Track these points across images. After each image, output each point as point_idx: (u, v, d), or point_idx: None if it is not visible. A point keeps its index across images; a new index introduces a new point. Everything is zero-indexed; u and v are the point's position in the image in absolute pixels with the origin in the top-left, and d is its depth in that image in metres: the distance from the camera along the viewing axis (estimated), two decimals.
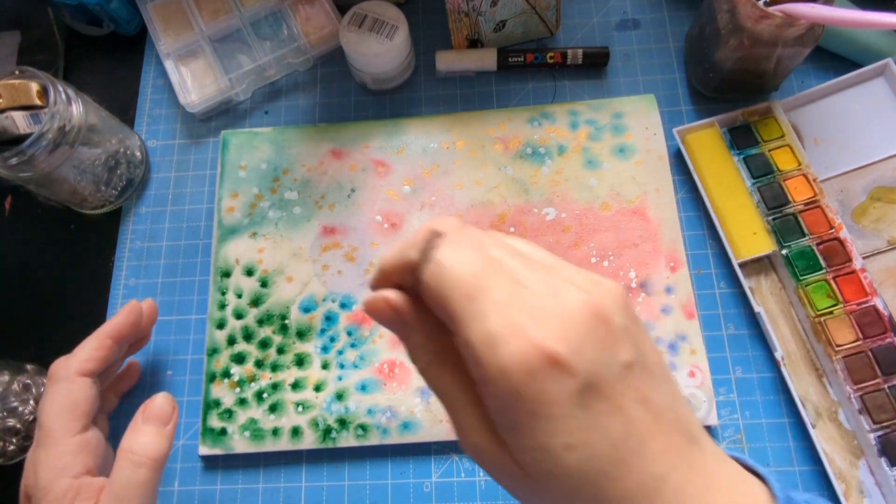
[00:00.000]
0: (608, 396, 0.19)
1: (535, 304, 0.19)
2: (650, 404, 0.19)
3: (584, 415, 0.18)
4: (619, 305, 0.20)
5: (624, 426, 0.19)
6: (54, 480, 0.31)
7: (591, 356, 0.18)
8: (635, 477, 0.19)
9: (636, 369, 0.19)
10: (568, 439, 0.18)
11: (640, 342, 0.20)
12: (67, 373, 0.34)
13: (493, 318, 0.19)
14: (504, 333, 0.18)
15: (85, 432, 0.33)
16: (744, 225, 0.41)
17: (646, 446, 0.19)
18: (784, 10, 0.36)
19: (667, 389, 0.20)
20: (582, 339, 0.18)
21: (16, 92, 0.38)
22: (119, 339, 0.37)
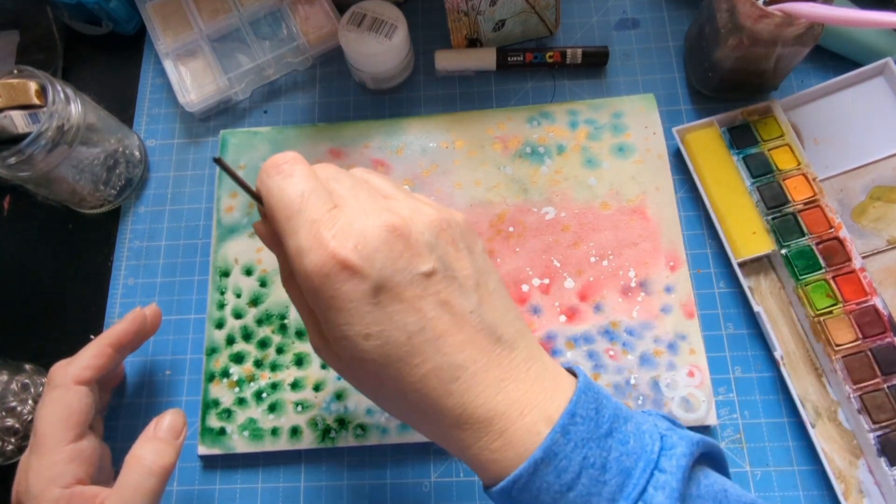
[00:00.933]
0: (403, 297, 0.23)
1: (343, 223, 0.23)
2: (451, 307, 0.24)
3: (377, 310, 0.23)
4: (428, 227, 0.24)
5: (419, 322, 0.23)
6: (45, 489, 0.31)
7: (382, 264, 0.23)
8: (431, 363, 0.23)
9: (437, 278, 0.24)
10: (364, 329, 0.23)
11: (448, 258, 0.25)
12: (65, 380, 0.34)
13: (302, 233, 0.23)
14: (308, 245, 0.23)
15: (79, 441, 0.33)
16: (743, 224, 0.41)
17: (443, 340, 0.23)
18: (783, 9, 0.36)
19: (473, 297, 0.24)
20: (374, 250, 0.23)
21: (14, 91, 0.38)
22: (120, 347, 0.37)
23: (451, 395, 0.23)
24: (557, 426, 0.23)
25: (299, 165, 0.26)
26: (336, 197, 0.25)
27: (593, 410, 0.24)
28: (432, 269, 0.24)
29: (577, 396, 0.24)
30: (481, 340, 0.24)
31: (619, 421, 0.24)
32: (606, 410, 0.24)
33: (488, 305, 0.25)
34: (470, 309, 0.24)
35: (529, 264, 0.42)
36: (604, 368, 0.40)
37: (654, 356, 0.40)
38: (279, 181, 0.25)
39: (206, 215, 0.46)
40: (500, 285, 0.27)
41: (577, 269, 0.42)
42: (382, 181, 0.28)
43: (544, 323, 0.41)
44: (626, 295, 0.41)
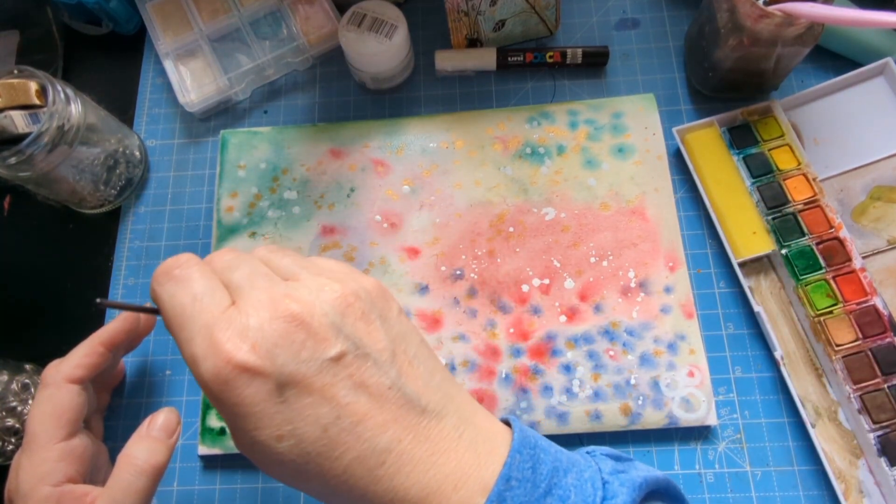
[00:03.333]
0: (312, 389, 0.22)
1: (238, 322, 0.22)
2: (368, 388, 0.22)
3: (286, 409, 0.22)
4: (332, 307, 0.23)
5: (333, 411, 0.22)
6: (35, 488, 0.31)
7: (284, 359, 0.22)
8: (353, 453, 0.22)
9: (348, 360, 0.22)
10: (275, 431, 0.22)
11: (359, 335, 0.23)
12: (56, 379, 0.34)
13: (196, 340, 0.22)
14: (203, 353, 0.22)
15: (70, 439, 0.33)
16: (743, 224, 0.41)
17: (363, 425, 0.22)
18: (783, 9, 0.36)
19: (391, 371, 0.23)
20: (274, 345, 0.22)
21: (14, 91, 0.38)
22: (112, 347, 0.37)
23: (379, 480, 0.22)
24: (492, 495, 0.22)
25: (193, 268, 0.24)
26: (233, 290, 0.24)
27: (529, 470, 0.23)
28: (341, 351, 0.22)
29: (510, 459, 0.23)
30: (405, 416, 0.23)
31: (559, 475, 0.23)
32: (544, 466, 0.23)
33: (409, 375, 0.24)
34: (388, 384, 0.23)
35: (529, 264, 0.42)
36: (604, 368, 0.40)
37: (654, 356, 0.40)
38: (170, 289, 0.24)
39: (206, 215, 0.46)
40: (421, 347, 0.25)
41: (577, 270, 0.42)
42: (284, 258, 0.26)
43: (544, 323, 0.41)
44: (625, 295, 0.41)
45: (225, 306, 0.23)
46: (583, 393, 0.39)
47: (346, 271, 0.26)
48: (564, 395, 0.39)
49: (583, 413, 0.39)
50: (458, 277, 0.42)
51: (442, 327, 0.41)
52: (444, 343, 0.41)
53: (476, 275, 0.42)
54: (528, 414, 0.39)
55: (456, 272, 0.43)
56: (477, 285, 0.42)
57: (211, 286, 0.24)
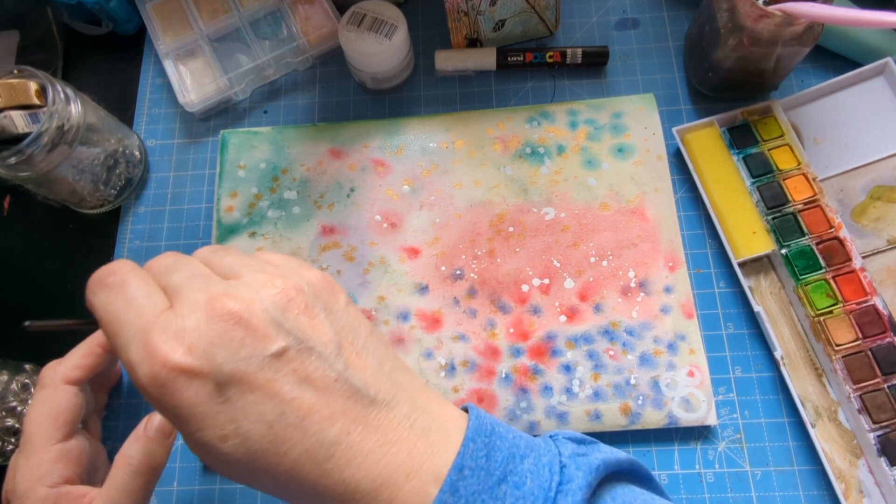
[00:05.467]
0: (255, 386, 0.21)
1: (174, 324, 0.22)
2: (313, 382, 0.22)
3: (228, 408, 0.21)
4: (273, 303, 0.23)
5: (278, 407, 0.21)
6: (31, 489, 0.31)
7: (223, 358, 0.21)
8: (300, 448, 0.21)
9: (291, 355, 0.22)
10: (220, 431, 0.21)
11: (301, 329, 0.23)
12: (53, 380, 0.34)
13: (132, 346, 0.22)
14: (139, 358, 0.21)
15: (67, 440, 0.33)
16: (743, 224, 0.41)
17: (309, 419, 0.22)
18: (783, 8, 0.36)
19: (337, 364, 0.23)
20: (211, 345, 0.21)
21: (14, 91, 0.38)
22: (109, 348, 0.37)
23: (328, 474, 0.22)
24: (445, 485, 0.21)
25: (128, 274, 0.24)
26: (171, 293, 0.23)
27: (483, 458, 0.22)
28: (282, 347, 0.22)
29: (463, 447, 0.22)
30: (353, 407, 0.22)
31: (515, 461, 0.23)
32: (499, 453, 0.23)
33: (356, 366, 0.23)
34: (334, 377, 0.22)
35: (529, 264, 0.42)
36: (604, 368, 0.40)
37: (654, 356, 0.40)
38: (104, 297, 0.23)
39: (206, 215, 0.46)
40: (370, 338, 0.25)
41: (577, 270, 0.42)
42: (227, 257, 0.26)
43: (544, 323, 0.41)
44: (625, 295, 0.41)
45: (161, 310, 0.22)
46: (583, 393, 0.39)
47: (291, 266, 0.25)
48: (564, 395, 0.39)
49: (583, 413, 0.39)
50: (458, 277, 0.42)
51: (442, 327, 0.41)
52: (444, 343, 0.41)
53: (476, 275, 0.42)
54: (528, 414, 0.39)
55: (456, 272, 0.43)
56: (477, 285, 0.42)
57: (146, 291, 0.23)
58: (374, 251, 0.43)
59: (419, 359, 0.41)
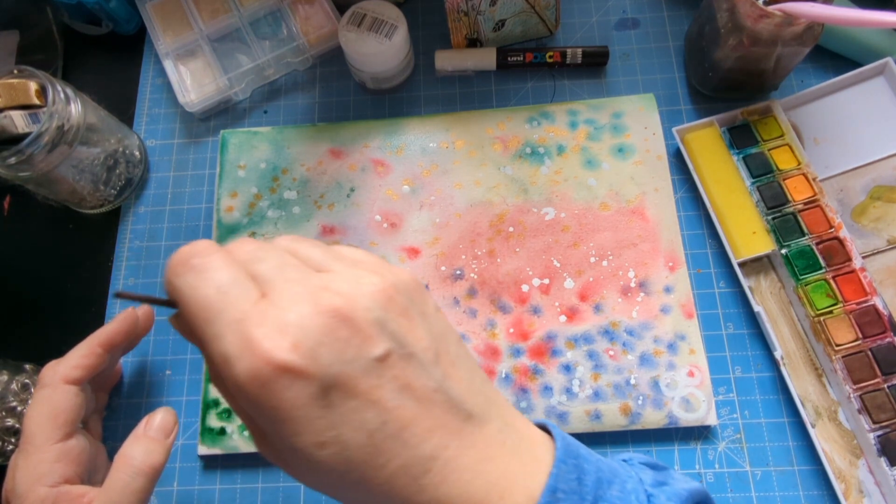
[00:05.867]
0: (357, 392, 0.20)
1: (274, 316, 0.20)
2: (413, 391, 0.21)
3: (330, 413, 0.20)
4: (374, 301, 0.21)
5: (379, 416, 0.20)
6: (31, 488, 0.31)
7: (329, 359, 0.20)
8: (398, 461, 0.20)
9: (393, 360, 0.20)
10: (317, 438, 0.20)
11: (402, 332, 0.21)
12: (53, 379, 0.34)
13: (227, 337, 0.20)
14: (236, 352, 0.19)
15: (67, 440, 0.33)
16: (743, 224, 0.41)
17: (408, 430, 0.20)
18: (783, 8, 0.36)
19: (436, 372, 0.21)
20: (317, 343, 0.19)
21: (14, 91, 0.38)
22: (111, 347, 0.37)
23: (423, 490, 0.20)
24: None
25: (213, 255, 0.22)
26: (262, 282, 0.21)
27: (575, 481, 0.21)
28: (386, 350, 0.20)
29: (556, 469, 0.21)
30: (451, 421, 0.21)
31: (603, 486, 0.22)
32: (588, 477, 0.22)
33: (453, 377, 0.22)
34: (434, 387, 0.21)
35: (529, 264, 0.42)
36: (604, 368, 0.40)
37: (654, 356, 0.40)
38: (191, 280, 0.21)
39: (206, 215, 0.46)
40: (460, 346, 0.24)
41: (577, 270, 0.42)
42: (312, 248, 0.24)
43: (544, 323, 0.41)
44: (625, 295, 0.41)
45: (256, 299, 0.21)
46: (583, 393, 0.39)
47: (379, 262, 0.24)
48: (564, 395, 0.39)
49: (583, 413, 0.39)
50: (457, 277, 0.42)
51: None
52: None
53: (476, 275, 0.42)
54: (528, 414, 0.39)
55: (456, 272, 0.43)
56: (477, 285, 0.42)
57: (237, 276, 0.21)
58: (375, 251, 0.44)
59: None
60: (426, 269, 0.43)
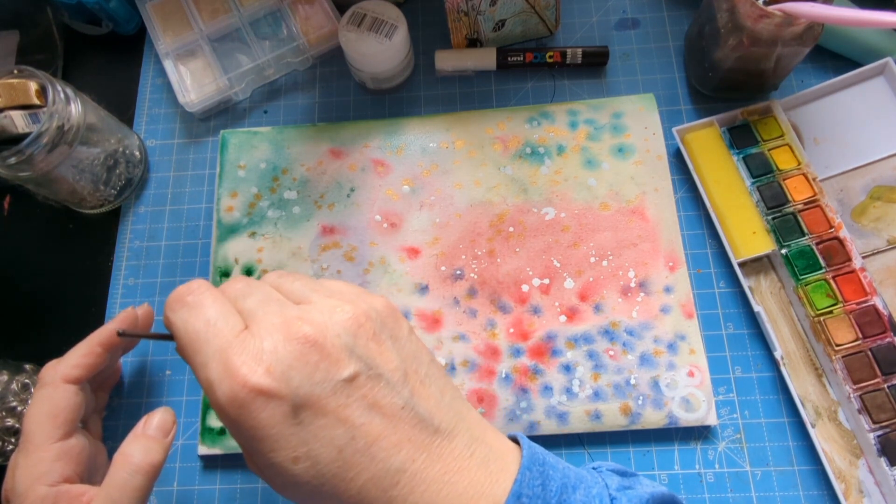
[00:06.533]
0: (327, 411, 0.22)
1: (252, 345, 0.22)
2: (381, 408, 0.23)
3: (302, 430, 0.22)
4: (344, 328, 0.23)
5: (348, 432, 0.22)
6: (31, 487, 0.31)
7: (299, 381, 0.22)
8: (367, 474, 0.22)
9: (361, 380, 0.23)
10: (291, 453, 0.22)
11: (371, 355, 0.23)
12: (53, 379, 0.34)
13: (211, 365, 0.23)
14: (218, 377, 0.22)
15: (67, 439, 0.33)
16: (743, 224, 0.41)
17: (377, 445, 0.22)
18: (783, 8, 0.36)
19: (403, 391, 0.23)
20: (288, 367, 0.22)
21: (14, 91, 0.38)
22: (110, 347, 0.37)
23: (392, 501, 0.22)
24: None
25: (205, 293, 0.25)
26: (246, 316, 0.24)
27: (539, 486, 0.23)
28: (354, 372, 0.23)
29: (520, 476, 0.23)
30: (418, 435, 0.23)
31: (568, 491, 0.23)
32: (553, 482, 0.23)
33: (421, 395, 0.24)
34: (401, 404, 0.23)
35: (529, 264, 0.42)
36: (604, 368, 0.40)
37: (654, 356, 0.40)
38: (184, 315, 0.24)
39: (206, 215, 0.46)
40: (432, 366, 0.26)
41: (577, 270, 0.42)
42: (295, 282, 0.27)
43: (544, 323, 0.41)
44: (625, 295, 0.41)
45: (238, 330, 0.23)
46: (583, 393, 0.39)
47: (356, 292, 0.26)
48: (564, 395, 0.39)
49: (583, 413, 0.39)
50: (458, 277, 0.42)
51: (442, 327, 0.41)
52: (444, 343, 0.41)
53: (476, 275, 0.42)
54: (528, 414, 0.39)
55: (456, 272, 0.43)
56: (477, 285, 0.42)
57: (224, 311, 0.24)
58: (375, 251, 0.43)
59: None
60: (426, 269, 0.43)
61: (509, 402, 0.39)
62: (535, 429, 0.39)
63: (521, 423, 0.39)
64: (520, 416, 0.39)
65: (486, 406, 0.39)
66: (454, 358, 0.41)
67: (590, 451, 0.39)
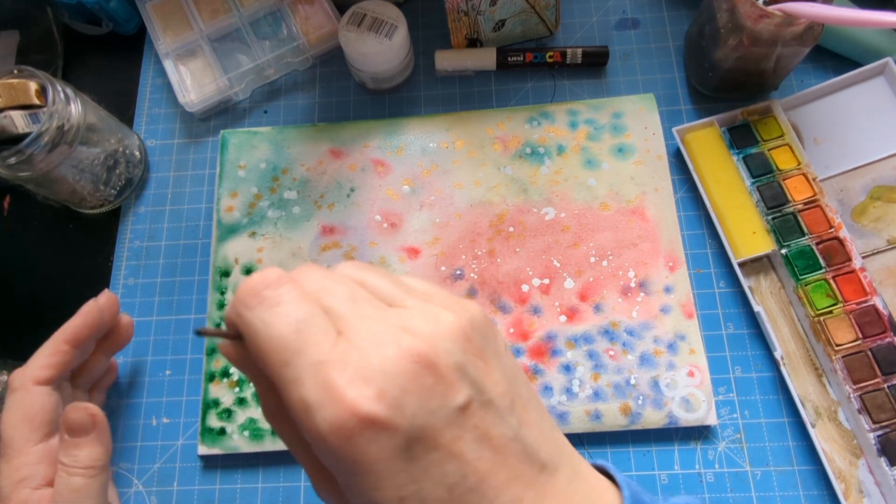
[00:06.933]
0: (439, 444, 0.19)
1: (355, 360, 0.19)
2: (491, 441, 0.20)
3: (412, 467, 0.19)
4: (454, 342, 0.20)
5: (460, 468, 0.19)
6: (14, 491, 0.31)
7: (415, 409, 0.19)
8: None
9: (473, 408, 0.20)
10: (398, 493, 0.19)
11: (480, 377, 0.20)
12: (23, 382, 0.34)
13: (307, 382, 0.19)
14: (318, 399, 0.18)
15: (47, 441, 0.33)
16: (743, 224, 0.41)
17: (486, 483, 0.19)
18: (783, 8, 0.36)
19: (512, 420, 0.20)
20: (403, 392, 0.18)
21: (14, 91, 0.38)
22: (77, 343, 0.36)
23: None
24: None
25: (285, 287, 0.20)
26: (335, 318, 0.20)
27: None
28: (468, 398, 0.19)
29: None
30: (526, 471, 0.20)
31: None
32: None
33: (528, 423, 0.21)
34: (511, 436, 0.20)
35: (529, 264, 0.42)
36: (604, 368, 0.40)
37: (653, 356, 0.40)
38: (263, 315, 0.20)
39: (206, 215, 0.46)
40: (529, 386, 0.23)
41: (577, 270, 0.42)
42: (380, 279, 0.23)
43: (544, 323, 0.41)
44: (625, 295, 0.41)
45: (333, 337, 0.19)
46: (583, 393, 0.39)
47: (449, 296, 0.23)
48: (564, 395, 0.39)
49: (583, 413, 0.39)
50: (458, 277, 0.42)
51: None
52: None
53: (476, 275, 0.42)
54: None
55: (456, 272, 0.43)
56: (477, 285, 0.42)
57: (313, 312, 0.20)
58: (375, 251, 0.43)
59: None
60: (426, 269, 0.43)
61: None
62: None
63: None
64: None
65: None
66: None
67: (590, 451, 0.39)
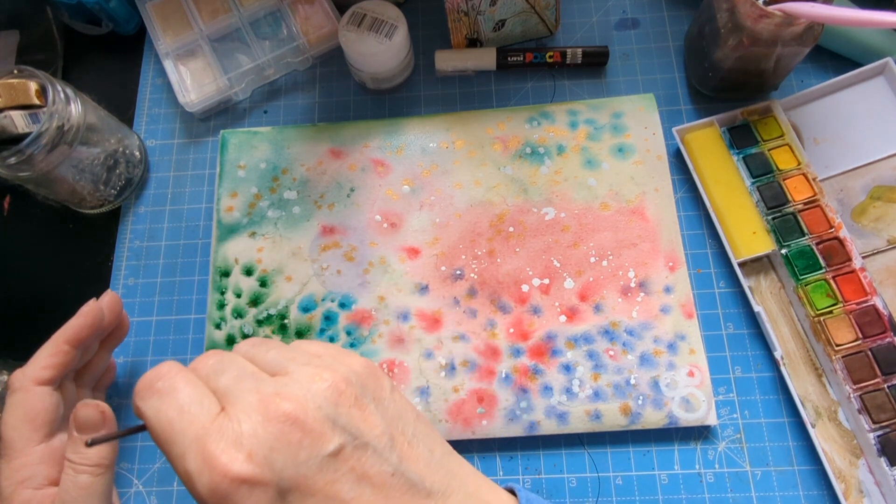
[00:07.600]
0: (314, 490, 0.21)
1: (231, 430, 0.21)
2: (370, 479, 0.22)
3: None
4: (325, 398, 0.22)
5: None
6: (15, 492, 0.31)
7: (283, 463, 0.21)
8: None
9: (347, 452, 0.22)
10: None
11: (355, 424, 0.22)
12: (24, 383, 0.34)
13: (189, 455, 0.21)
14: (197, 468, 0.21)
15: (49, 440, 0.33)
16: (743, 224, 0.41)
17: None
18: (783, 8, 0.36)
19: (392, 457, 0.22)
20: (271, 450, 0.21)
21: (14, 91, 0.38)
22: (78, 343, 0.36)
23: None
24: None
25: (176, 377, 0.23)
26: (221, 395, 0.23)
27: None
28: (339, 445, 0.21)
29: None
30: (409, 501, 0.22)
31: None
32: None
33: (409, 458, 0.23)
34: (391, 471, 0.22)
35: (529, 264, 0.42)
36: (604, 368, 0.40)
37: (653, 356, 0.40)
38: (155, 404, 0.22)
39: (206, 215, 0.46)
40: (419, 424, 0.25)
41: (577, 270, 0.42)
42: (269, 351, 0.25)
43: (544, 323, 0.41)
44: (625, 295, 0.41)
45: (214, 414, 0.22)
46: (583, 393, 0.39)
47: (333, 354, 0.25)
48: (564, 395, 0.39)
49: (583, 413, 0.39)
50: (458, 277, 0.42)
51: (442, 327, 0.41)
52: (444, 343, 0.41)
53: (476, 275, 0.42)
54: (528, 414, 0.39)
55: (456, 272, 0.43)
56: (477, 285, 0.42)
57: (198, 394, 0.23)
58: (374, 251, 0.43)
59: (419, 359, 0.41)
60: (426, 269, 0.43)
61: (509, 402, 0.39)
62: (534, 429, 0.39)
63: (521, 423, 0.39)
64: (520, 416, 0.39)
65: (486, 406, 0.39)
66: (454, 358, 0.41)
67: (590, 451, 0.39)
